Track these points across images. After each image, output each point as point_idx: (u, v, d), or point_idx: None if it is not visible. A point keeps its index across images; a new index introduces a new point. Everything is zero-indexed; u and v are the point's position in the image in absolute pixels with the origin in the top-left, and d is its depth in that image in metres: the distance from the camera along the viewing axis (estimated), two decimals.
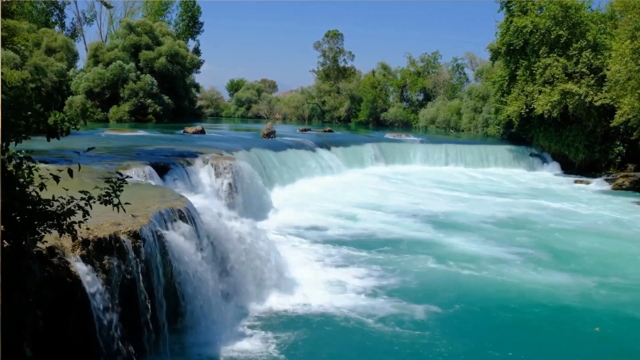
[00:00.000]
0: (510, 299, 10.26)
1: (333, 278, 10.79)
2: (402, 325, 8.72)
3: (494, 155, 32.27)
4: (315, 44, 71.62)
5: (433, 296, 10.09)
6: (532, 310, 9.74)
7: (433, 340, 8.27)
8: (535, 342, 8.54)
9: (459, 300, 10.00)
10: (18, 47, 33.82)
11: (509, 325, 9.21)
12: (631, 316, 9.62)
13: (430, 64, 64.79)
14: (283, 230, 14.52)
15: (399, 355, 7.87)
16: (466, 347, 8.17)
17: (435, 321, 8.99)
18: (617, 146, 29.26)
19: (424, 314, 9.22)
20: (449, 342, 8.23)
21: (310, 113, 70.81)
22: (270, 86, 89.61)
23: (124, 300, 6.51)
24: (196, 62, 54.24)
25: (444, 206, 19.22)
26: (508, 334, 8.89)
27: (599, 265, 12.61)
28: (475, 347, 8.19)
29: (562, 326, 9.26)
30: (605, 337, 8.83)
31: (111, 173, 10.53)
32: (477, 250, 13.52)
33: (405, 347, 8.02)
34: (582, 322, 9.34)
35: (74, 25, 63.17)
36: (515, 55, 31.61)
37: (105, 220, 6.65)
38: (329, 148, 26.87)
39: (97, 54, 47.52)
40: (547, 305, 9.98)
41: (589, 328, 9.07)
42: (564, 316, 9.66)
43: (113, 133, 26.49)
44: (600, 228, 16.90)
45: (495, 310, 9.72)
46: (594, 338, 8.76)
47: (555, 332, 8.98)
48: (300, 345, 7.97)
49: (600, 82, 27.82)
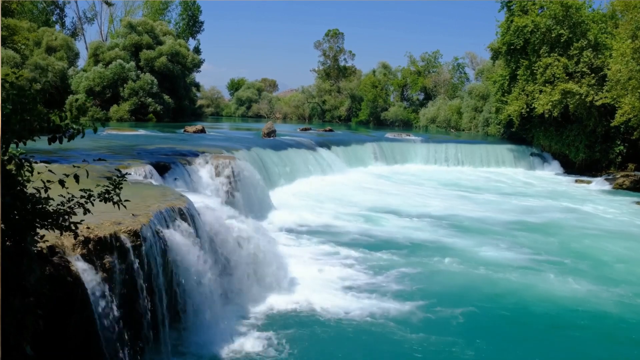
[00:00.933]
0: (510, 300, 10.25)
1: (334, 278, 10.77)
2: (404, 327, 8.66)
3: (495, 154, 32.28)
4: (315, 44, 71.75)
5: (436, 298, 10.02)
6: (551, 314, 9.64)
7: (438, 344, 8.20)
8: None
9: (459, 302, 9.95)
10: (18, 46, 33.83)
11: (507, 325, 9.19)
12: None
13: (431, 64, 64.82)
14: (283, 230, 14.51)
15: (401, 357, 7.85)
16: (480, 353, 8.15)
17: (442, 325, 8.89)
18: (617, 146, 29.25)
19: (429, 316, 9.13)
20: (460, 347, 8.17)
21: (311, 112, 70.86)
22: (270, 85, 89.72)
23: (124, 300, 6.50)
24: (197, 61, 54.23)
25: (445, 206, 19.19)
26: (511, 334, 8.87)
27: (607, 265, 12.61)
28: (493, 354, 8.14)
29: (585, 328, 9.15)
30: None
31: (111, 172, 10.53)
32: (476, 250, 13.50)
33: (409, 350, 7.99)
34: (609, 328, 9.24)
35: (75, 25, 63.25)
36: (515, 54, 31.61)
37: (106, 220, 6.64)
38: (329, 147, 26.87)
39: (98, 53, 47.55)
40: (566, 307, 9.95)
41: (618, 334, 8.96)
42: (586, 319, 9.50)
43: (113, 132, 26.50)
44: (604, 227, 16.88)
45: (502, 311, 9.71)
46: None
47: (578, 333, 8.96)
48: (300, 345, 7.95)
49: (601, 82, 27.81)
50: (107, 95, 45.59)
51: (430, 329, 8.62)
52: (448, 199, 20.80)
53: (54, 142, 4.50)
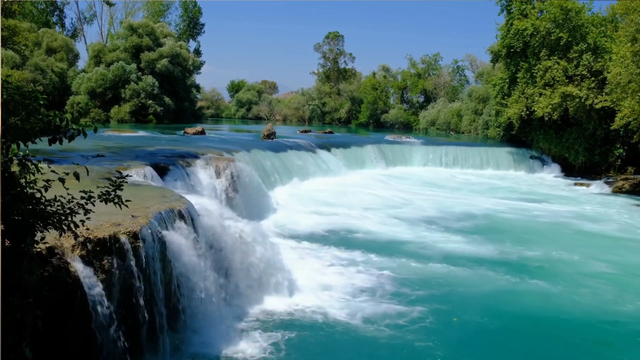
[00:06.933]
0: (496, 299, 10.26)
1: (333, 280, 10.76)
2: (405, 331, 8.63)
3: (494, 157, 32.28)
4: (315, 46, 71.80)
5: (438, 301, 10.02)
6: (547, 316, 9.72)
7: (437, 348, 8.22)
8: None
9: (461, 305, 9.98)
10: (19, 47, 33.86)
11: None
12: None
13: (431, 66, 64.90)
14: (283, 232, 14.51)
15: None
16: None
17: (442, 329, 8.86)
18: (617, 149, 29.27)
19: (430, 319, 9.10)
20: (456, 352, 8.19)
21: (311, 114, 70.87)
22: (270, 87, 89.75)
23: (123, 301, 6.51)
24: (197, 63, 54.31)
25: (447, 207, 19.19)
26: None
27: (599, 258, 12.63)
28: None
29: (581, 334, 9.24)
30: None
31: (111, 173, 10.53)
32: (475, 251, 13.50)
33: (408, 354, 7.99)
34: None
35: (75, 26, 63.32)
36: (515, 57, 31.67)
37: (105, 221, 6.65)
38: (329, 149, 26.89)
39: (99, 54, 47.62)
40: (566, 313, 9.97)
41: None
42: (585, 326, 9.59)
43: (114, 133, 26.51)
44: (603, 230, 16.89)
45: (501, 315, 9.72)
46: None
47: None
48: (299, 347, 7.95)
49: (601, 85, 27.84)
50: (108, 97, 45.66)
51: (433, 333, 8.63)
52: (449, 201, 20.80)
53: (54, 143, 4.50)
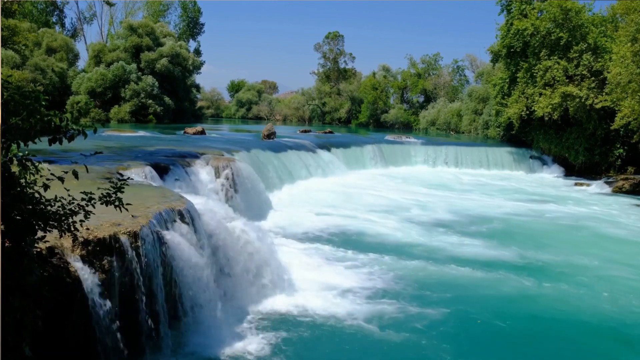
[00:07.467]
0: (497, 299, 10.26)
1: (333, 280, 10.75)
2: (404, 330, 8.62)
3: (494, 157, 32.29)
4: (315, 46, 71.81)
5: (439, 302, 9.99)
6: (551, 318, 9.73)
7: (437, 348, 8.21)
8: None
9: (452, 304, 9.97)
10: (19, 47, 33.85)
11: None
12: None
13: (431, 66, 64.93)
14: (283, 231, 14.50)
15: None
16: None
17: (441, 329, 8.85)
18: (617, 149, 29.28)
19: (429, 319, 9.10)
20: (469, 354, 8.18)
21: (311, 114, 70.88)
22: (270, 87, 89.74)
23: (123, 301, 6.51)
24: (197, 63, 54.30)
25: (447, 208, 19.18)
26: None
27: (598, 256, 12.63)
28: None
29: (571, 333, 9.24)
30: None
31: (111, 173, 10.54)
32: (474, 251, 13.50)
33: (406, 354, 7.98)
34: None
35: (74, 25, 63.33)
36: (515, 57, 31.68)
37: (105, 221, 6.65)
38: (329, 149, 26.89)
39: (99, 54, 47.62)
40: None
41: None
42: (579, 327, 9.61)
43: (114, 133, 26.51)
44: (603, 230, 16.89)
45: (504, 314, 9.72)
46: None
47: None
48: (299, 347, 7.95)
49: (601, 85, 27.85)
50: (108, 96, 45.65)
51: (428, 331, 8.63)
52: (449, 201, 20.79)
53: (54, 143, 4.49)
